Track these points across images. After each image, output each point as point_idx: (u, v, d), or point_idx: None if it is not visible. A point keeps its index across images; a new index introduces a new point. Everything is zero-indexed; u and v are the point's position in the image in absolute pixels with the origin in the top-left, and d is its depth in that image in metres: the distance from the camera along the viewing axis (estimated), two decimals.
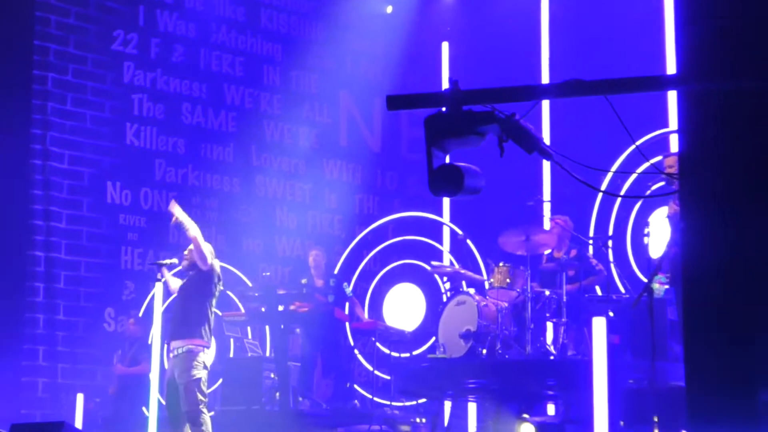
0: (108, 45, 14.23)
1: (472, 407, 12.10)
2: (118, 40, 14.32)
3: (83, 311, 13.66)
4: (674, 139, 11.67)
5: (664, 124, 12.31)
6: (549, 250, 11.89)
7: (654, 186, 9.50)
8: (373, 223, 15.52)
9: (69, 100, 13.81)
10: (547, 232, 11.43)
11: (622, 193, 11.83)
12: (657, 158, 9.59)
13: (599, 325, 9.15)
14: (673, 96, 11.46)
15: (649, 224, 10.36)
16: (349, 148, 16.33)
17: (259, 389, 12.12)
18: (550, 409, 11.70)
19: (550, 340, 11.27)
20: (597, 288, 11.51)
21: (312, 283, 12.87)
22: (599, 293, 11.11)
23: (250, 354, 13.16)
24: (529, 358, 10.51)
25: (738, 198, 3.77)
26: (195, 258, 9.72)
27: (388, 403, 12.67)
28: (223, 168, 15.15)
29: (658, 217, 11.19)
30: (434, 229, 15.14)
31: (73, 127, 13.78)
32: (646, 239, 9.92)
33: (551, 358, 10.63)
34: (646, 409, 8.70)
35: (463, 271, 11.88)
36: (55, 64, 13.74)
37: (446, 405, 11.93)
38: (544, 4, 14.23)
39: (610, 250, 11.22)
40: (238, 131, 15.34)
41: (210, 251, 9.81)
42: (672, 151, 10.79)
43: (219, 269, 9.92)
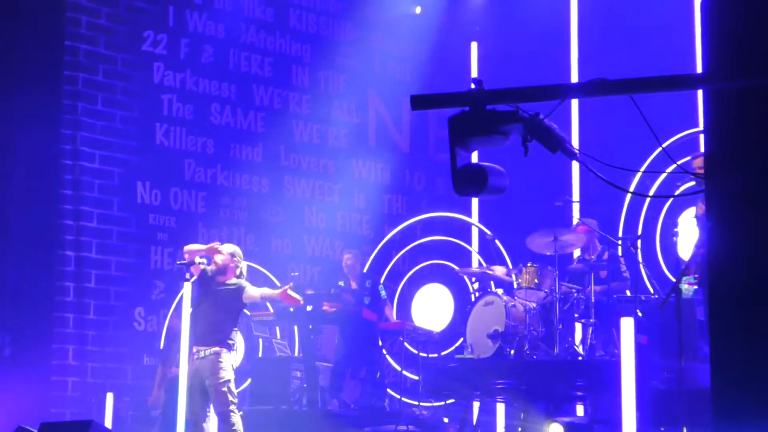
0: (138, 45, 14.29)
1: (501, 407, 12.08)
2: (148, 41, 14.38)
3: (113, 310, 13.72)
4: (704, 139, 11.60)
5: (694, 124, 12.25)
6: (578, 252, 11.87)
7: (683, 186, 9.47)
8: (401, 224, 15.52)
9: (99, 101, 13.88)
10: (575, 234, 11.40)
11: (651, 193, 11.79)
12: (686, 159, 9.55)
13: (627, 326, 9.12)
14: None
15: (678, 225, 10.33)
16: (378, 149, 16.34)
17: (287, 389, 12.14)
18: (579, 410, 11.67)
19: (578, 340, 11.25)
20: (626, 290, 11.47)
21: (348, 286, 12.90)
22: (628, 294, 11.07)
23: (278, 354, 13.19)
24: (557, 359, 10.50)
25: (763, 197, 3.75)
26: (246, 299, 9.86)
27: (417, 403, 12.66)
28: (252, 168, 15.19)
29: (687, 217, 11.15)
30: (463, 230, 15.13)
31: (104, 127, 13.85)
32: (675, 239, 9.89)
33: (579, 358, 10.61)
34: (674, 410, 8.66)
35: (490, 272, 11.86)
36: (85, 65, 13.81)
37: (474, 405, 11.92)
38: (573, 3, 14.19)
39: (639, 251, 11.17)
40: (267, 131, 15.38)
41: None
42: (701, 151, 10.74)
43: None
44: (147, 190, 14.18)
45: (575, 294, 10.88)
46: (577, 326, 11.35)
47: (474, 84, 3.90)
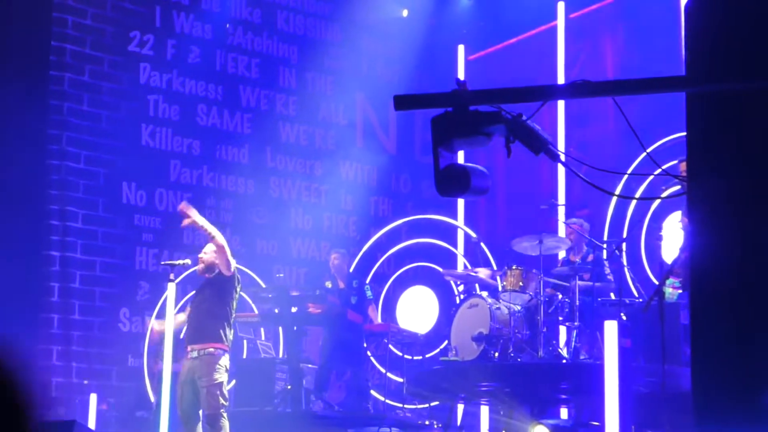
0: (124, 46, 14.26)
1: (485, 410, 12.09)
2: (135, 41, 14.35)
3: (98, 311, 13.68)
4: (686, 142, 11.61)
5: (684, 128, 12.25)
6: (563, 254, 11.89)
7: (669, 190, 9.49)
8: (387, 226, 15.53)
9: (85, 101, 13.84)
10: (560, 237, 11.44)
11: (638, 195, 11.81)
12: (672, 162, 9.56)
13: (611, 329, 9.14)
14: None
15: (663, 228, 10.36)
16: (365, 151, 16.34)
17: (272, 390, 12.14)
18: (563, 413, 11.68)
19: (562, 343, 11.27)
20: (611, 293, 11.49)
21: (336, 285, 12.90)
22: (612, 297, 11.09)
23: (263, 355, 13.17)
24: (541, 362, 10.51)
25: (745, 201, 3.76)
26: (219, 263, 9.71)
27: (401, 405, 12.67)
28: (238, 169, 15.17)
29: (672, 221, 11.17)
30: (448, 232, 15.14)
31: (90, 128, 13.82)
32: (659, 242, 9.91)
33: (563, 361, 10.63)
34: (657, 414, 8.68)
35: (474, 274, 11.86)
36: (71, 65, 13.78)
37: (459, 408, 11.93)
38: (560, 6, 14.20)
39: (624, 254, 11.19)
40: (253, 132, 15.36)
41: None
42: None
43: (237, 272, 9.95)
44: (132, 191, 14.15)
45: (560, 297, 10.90)
46: (562, 329, 11.37)
47: (457, 85, 3.91)
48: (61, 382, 13.25)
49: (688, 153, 3.97)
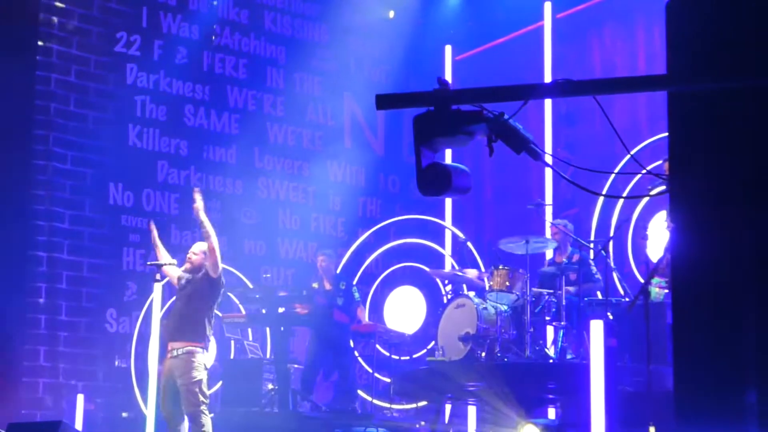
0: (111, 47, 14.24)
1: (472, 410, 12.09)
2: (121, 42, 14.33)
3: (85, 312, 13.66)
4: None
5: None
6: (551, 253, 11.90)
7: (655, 189, 9.50)
8: (375, 226, 15.53)
9: (72, 101, 13.82)
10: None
11: (625, 194, 11.83)
12: (657, 162, 9.59)
13: (597, 329, 9.15)
14: None
15: (648, 228, 10.37)
16: (353, 151, 16.34)
17: (259, 391, 12.13)
18: (551, 413, 11.69)
19: (549, 343, 11.28)
20: (597, 292, 11.51)
21: (322, 286, 12.90)
22: (599, 296, 11.10)
23: (250, 356, 13.17)
24: (528, 362, 10.52)
25: (726, 199, 3.76)
26: (208, 264, 9.71)
27: (388, 405, 12.67)
28: (225, 170, 15.15)
29: (658, 221, 11.20)
30: (436, 233, 15.15)
31: (76, 128, 13.79)
32: (644, 242, 9.92)
33: (550, 361, 10.63)
34: (642, 413, 8.69)
35: (461, 274, 11.87)
36: (58, 65, 13.75)
37: (446, 407, 11.93)
38: (547, 6, 14.21)
39: (611, 254, 11.21)
40: (240, 133, 15.35)
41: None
42: None
43: (223, 274, 9.96)
44: (119, 192, 14.12)
45: (546, 296, 10.90)
46: (549, 329, 11.38)
47: (439, 84, 3.90)
48: (48, 383, 13.22)
49: (669, 151, 3.98)
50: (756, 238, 3.67)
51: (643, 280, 9.52)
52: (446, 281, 12.86)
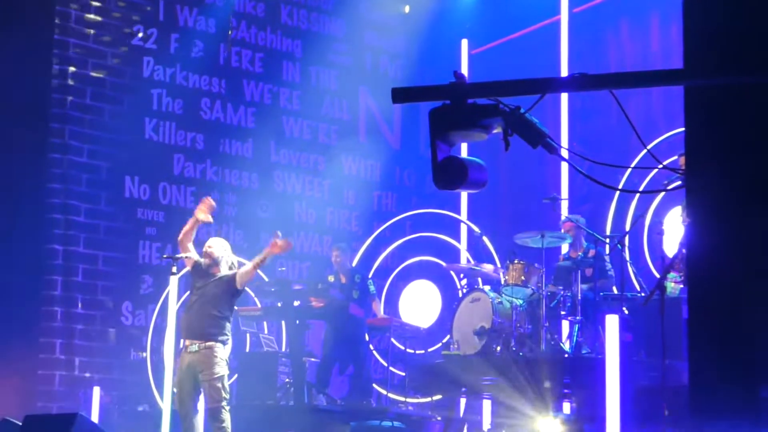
0: (128, 40, 14.27)
1: (487, 404, 12.08)
2: (138, 35, 14.35)
3: (101, 305, 13.70)
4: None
5: None
6: (566, 248, 11.88)
7: (671, 185, 9.47)
8: (390, 220, 15.52)
9: (88, 95, 13.85)
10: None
11: (641, 189, 11.79)
12: (673, 158, 9.56)
13: (612, 323, 9.13)
14: None
15: (664, 223, 10.34)
16: (368, 145, 16.34)
17: (274, 384, 12.14)
18: (566, 407, 11.67)
19: (564, 337, 11.26)
20: (613, 287, 11.48)
21: (338, 280, 12.91)
22: (614, 291, 11.08)
23: (265, 349, 13.18)
24: (543, 356, 10.49)
25: (743, 195, 3.75)
26: (239, 277, 9.73)
27: (403, 399, 12.67)
28: (241, 163, 15.18)
29: (674, 215, 11.17)
30: (452, 227, 15.13)
31: (92, 121, 13.83)
32: (661, 237, 9.90)
33: (565, 356, 10.61)
34: (657, 408, 8.67)
35: (477, 268, 11.85)
36: (74, 59, 13.79)
37: (461, 402, 11.92)
38: (564, 0, 14.17)
39: (627, 249, 11.18)
40: (257, 127, 15.37)
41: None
42: None
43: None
44: (136, 185, 14.16)
45: (562, 291, 10.88)
46: (564, 323, 11.35)
47: (455, 77, 3.90)
48: (64, 375, 13.27)
49: (686, 146, 3.96)
50: None
51: (658, 275, 9.50)
52: (462, 275, 12.83)
